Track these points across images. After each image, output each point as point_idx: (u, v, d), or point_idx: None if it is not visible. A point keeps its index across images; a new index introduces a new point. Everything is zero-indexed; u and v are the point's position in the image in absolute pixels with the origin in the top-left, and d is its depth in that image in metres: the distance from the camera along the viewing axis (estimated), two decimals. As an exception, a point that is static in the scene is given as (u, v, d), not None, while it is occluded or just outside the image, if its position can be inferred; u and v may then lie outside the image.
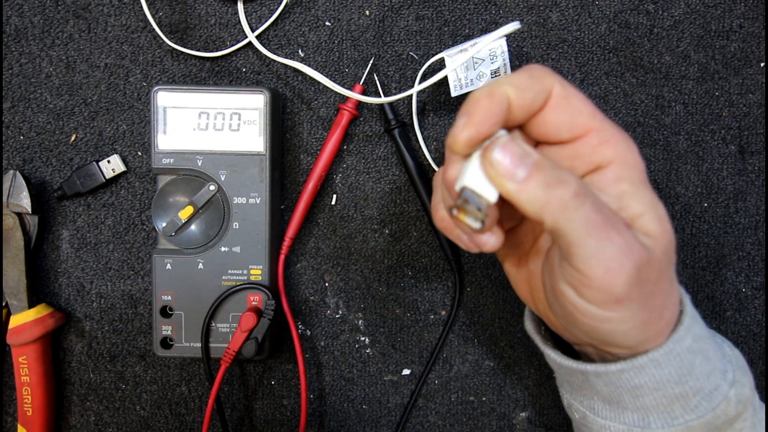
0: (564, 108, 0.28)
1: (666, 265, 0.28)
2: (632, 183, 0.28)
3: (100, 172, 0.42)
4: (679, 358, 0.29)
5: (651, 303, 0.27)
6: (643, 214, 0.28)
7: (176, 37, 0.43)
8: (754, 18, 0.42)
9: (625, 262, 0.25)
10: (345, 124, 0.42)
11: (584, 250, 0.25)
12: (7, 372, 0.44)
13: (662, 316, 0.29)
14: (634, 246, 0.26)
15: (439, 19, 0.43)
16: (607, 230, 0.25)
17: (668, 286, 0.29)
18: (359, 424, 0.44)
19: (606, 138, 0.28)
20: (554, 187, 0.25)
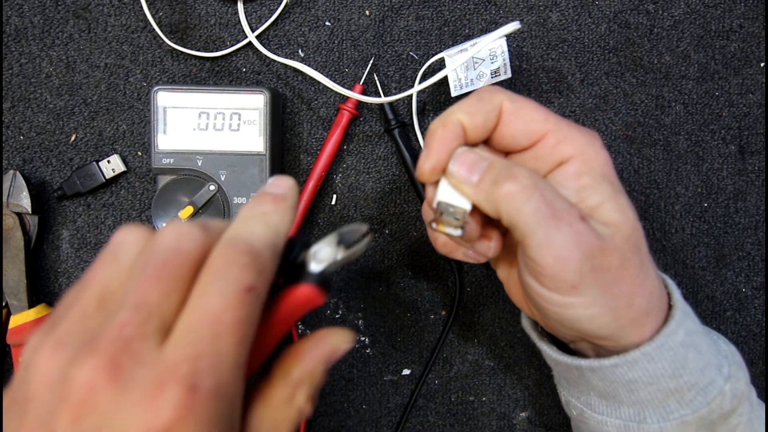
0: (516, 120, 0.30)
1: (630, 252, 0.29)
2: (592, 176, 0.29)
3: (100, 172, 0.42)
4: (672, 352, 0.30)
5: (614, 289, 0.28)
6: (603, 204, 0.29)
7: (176, 37, 0.43)
8: (754, 18, 0.42)
9: (574, 250, 0.27)
10: (345, 124, 0.42)
11: (535, 240, 0.27)
12: (7, 372, 0.44)
13: (632, 303, 0.29)
14: (584, 235, 0.27)
15: (439, 19, 0.43)
16: (556, 221, 0.27)
17: (637, 273, 0.29)
18: (359, 424, 0.44)
19: (562, 137, 0.30)
20: (503, 182, 0.28)
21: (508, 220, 0.28)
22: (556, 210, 0.27)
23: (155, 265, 0.22)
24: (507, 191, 0.27)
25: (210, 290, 0.21)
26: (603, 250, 0.28)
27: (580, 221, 0.27)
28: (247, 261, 0.22)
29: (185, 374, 0.19)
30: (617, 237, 0.28)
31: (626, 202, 0.30)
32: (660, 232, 0.43)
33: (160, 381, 0.19)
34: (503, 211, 0.28)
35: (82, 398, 0.19)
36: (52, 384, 0.20)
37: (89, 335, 0.20)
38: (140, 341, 0.20)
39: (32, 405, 0.20)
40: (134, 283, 0.21)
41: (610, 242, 0.28)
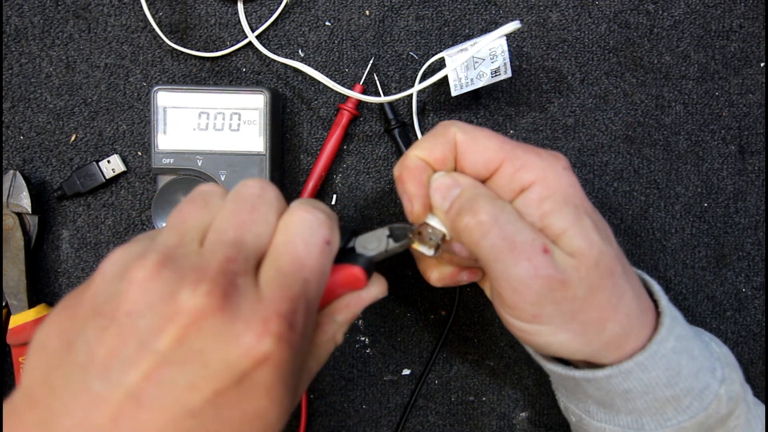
0: (471, 150, 0.30)
1: (600, 278, 0.28)
2: (554, 201, 0.29)
3: (100, 172, 0.42)
4: (664, 360, 0.29)
5: (581, 317, 0.28)
6: (566, 231, 0.28)
7: (176, 37, 0.43)
8: (754, 18, 0.42)
9: (531, 284, 0.27)
10: (345, 124, 0.42)
11: (493, 273, 0.28)
12: (7, 372, 0.44)
13: (603, 328, 0.29)
14: (542, 269, 0.27)
15: (439, 19, 0.43)
16: (513, 255, 0.27)
17: (608, 298, 0.29)
18: (359, 424, 0.44)
19: (520, 164, 0.29)
20: (464, 215, 0.28)
21: (470, 250, 0.29)
22: (516, 244, 0.27)
23: (246, 208, 0.24)
24: (465, 224, 0.28)
25: (296, 238, 0.24)
26: (563, 283, 0.27)
27: (540, 255, 0.27)
28: (326, 218, 0.25)
29: (285, 312, 0.21)
30: (582, 267, 0.28)
31: (591, 225, 0.29)
32: (660, 232, 0.43)
33: (265, 315, 0.21)
34: (464, 242, 0.29)
35: (190, 321, 0.20)
36: (155, 302, 0.21)
37: (193, 261, 0.22)
38: (242, 276, 0.22)
39: (126, 320, 0.20)
40: (231, 222, 0.24)
41: (574, 274, 0.28)
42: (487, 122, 0.43)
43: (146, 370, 0.20)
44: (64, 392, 0.20)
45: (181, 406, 0.20)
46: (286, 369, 0.21)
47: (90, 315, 0.21)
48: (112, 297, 0.21)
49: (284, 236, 0.24)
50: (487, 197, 0.29)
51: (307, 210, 0.25)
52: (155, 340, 0.20)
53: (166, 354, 0.20)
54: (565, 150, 0.43)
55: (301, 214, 0.25)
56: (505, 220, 0.28)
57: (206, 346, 0.20)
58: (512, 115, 0.43)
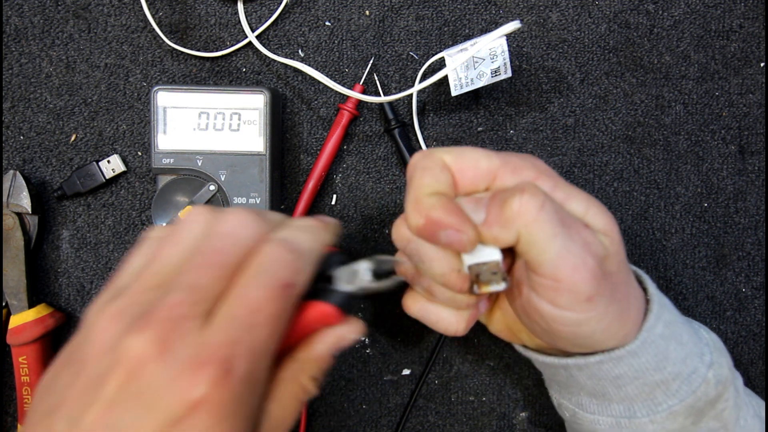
0: (465, 167, 0.29)
1: (621, 255, 0.29)
2: (562, 189, 0.29)
3: (100, 172, 0.42)
4: (653, 345, 0.30)
5: (617, 295, 0.29)
6: (587, 212, 0.29)
7: (176, 37, 0.43)
8: (754, 18, 0.42)
9: (587, 258, 0.27)
10: (345, 123, 0.42)
11: (551, 254, 0.27)
12: (7, 372, 0.44)
13: (630, 305, 0.30)
14: (592, 242, 0.28)
15: (439, 19, 0.43)
16: (568, 229, 0.27)
17: (627, 276, 0.30)
18: (359, 424, 0.44)
19: (512, 167, 0.29)
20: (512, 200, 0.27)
21: (526, 237, 0.27)
22: (566, 218, 0.27)
23: (212, 249, 0.24)
24: (519, 204, 0.27)
25: (252, 282, 0.23)
26: (606, 257, 0.28)
27: (585, 228, 0.28)
28: (290, 260, 0.24)
29: (222, 357, 0.21)
30: (613, 242, 0.29)
31: (600, 203, 0.30)
32: (660, 232, 0.43)
33: (200, 360, 0.21)
34: (520, 230, 0.27)
35: (132, 367, 0.21)
36: (107, 350, 0.22)
37: (145, 309, 0.22)
38: (188, 321, 0.22)
39: (87, 366, 0.22)
40: (191, 264, 0.24)
41: (610, 248, 0.29)
42: (488, 122, 0.43)
43: (98, 412, 0.21)
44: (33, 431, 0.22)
45: None
46: (226, 413, 0.21)
47: (67, 362, 0.23)
48: (81, 345, 0.23)
49: (242, 278, 0.24)
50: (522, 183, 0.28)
51: (273, 250, 0.24)
52: (105, 384, 0.21)
53: (113, 397, 0.21)
54: (565, 150, 0.43)
55: (264, 255, 0.24)
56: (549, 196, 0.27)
57: (147, 390, 0.21)
58: (512, 115, 0.43)
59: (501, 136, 0.43)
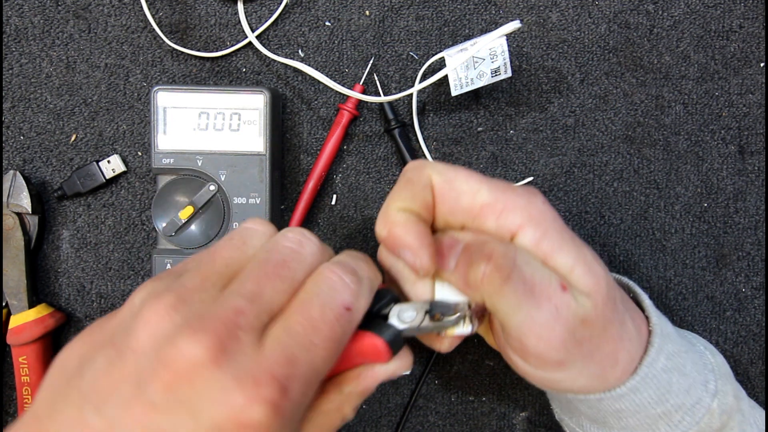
0: (448, 196, 0.28)
1: (610, 311, 0.27)
2: (550, 240, 0.27)
3: (100, 172, 0.42)
4: (655, 380, 0.29)
5: (599, 354, 0.28)
6: (573, 269, 0.27)
7: (176, 37, 0.43)
8: (754, 18, 0.42)
9: (556, 327, 0.26)
10: (345, 123, 0.42)
11: (515, 322, 0.26)
12: (7, 372, 0.44)
13: (617, 360, 0.28)
14: (565, 308, 0.26)
15: (439, 19, 0.43)
16: (535, 298, 0.26)
17: (617, 330, 0.28)
18: (359, 424, 0.44)
19: (501, 207, 0.27)
20: (478, 264, 0.26)
21: (489, 304, 0.27)
22: (536, 285, 0.26)
23: (276, 261, 0.23)
24: (483, 274, 0.26)
25: (314, 300, 0.23)
26: (584, 321, 0.26)
27: (561, 293, 0.26)
28: (352, 283, 0.24)
29: (281, 376, 0.20)
30: (598, 303, 0.27)
31: (591, 255, 0.28)
32: (660, 232, 0.43)
33: (258, 376, 0.20)
34: (484, 295, 0.27)
35: (183, 370, 0.20)
36: (154, 346, 0.20)
37: (204, 308, 0.21)
38: (248, 332, 0.21)
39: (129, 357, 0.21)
40: (254, 273, 0.23)
41: (591, 312, 0.27)
42: (488, 122, 0.43)
43: (138, 413, 0.20)
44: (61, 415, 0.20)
45: None
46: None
47: (105, 344, 0.22)
48: (126, 330, 0.21)
49: (303, 295, 0.23)
50: (493, 240, 0.27)
51: (334, 271, 0.24)
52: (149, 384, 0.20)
53: (158, 400, 0.20)
54: (565, 150, 0.43)
55: (326, 274, 0.24)
56: (520, 260, 0.26)
57: (195, 398, 0.20)
58: (512, 115, 0.43)
59: (501, 136, 0.43)
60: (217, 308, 0.21)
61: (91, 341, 0.22)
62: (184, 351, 0.20)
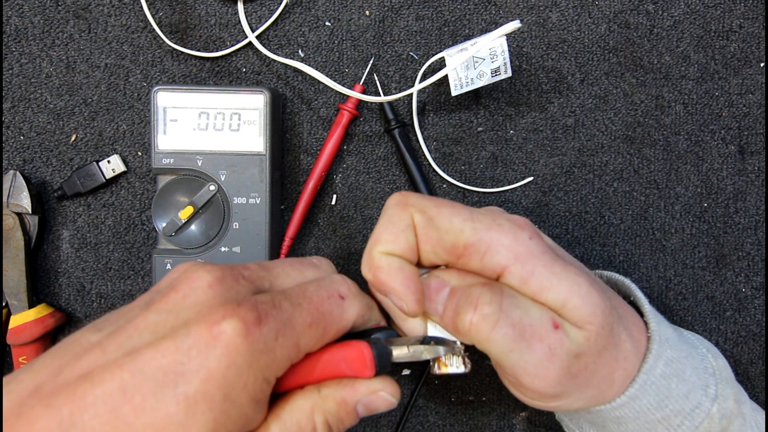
0: (430, 236, 0.28)
1: (605, 338, 0.28)
2: (539, 277, 0.27)
3: (100, 172, 0.42)
4: (654, 387, 0.29)
5: (595, 379, 0.28)
6: (565, 303, 0.27)
7: (176, 37, 0.43)
8: (754, 18, 0.42)
9: (550, 366, 0.26)
10: (345, 123, 0.42)
11: (508, 363, 0.27)
12: (7, 372, 0.44)
13: (613, 381, 0.29)
14: (558, 347, 0.26)
15: (439, 19, 0.43)
16: (526, 341, 0.26)
17: (612, 353, 0.28)
18: (359, 423, 0.44)
19: (485, 247, 0.27)
20: (465, 312, 0.26)
21: (480, 348, 0.27)
22: (526, 328, 0.26)
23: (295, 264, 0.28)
24: (470, 322, 0.26)
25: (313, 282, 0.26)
26: (578, 355, 0.27)
27: (552, 332, 0.26)
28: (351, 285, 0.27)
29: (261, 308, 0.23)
30: (592, 335, 0.27)
31: (588, 283, 0.27)
32: (660, 232, 0.43)
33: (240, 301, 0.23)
34: (473, 341, 0.27)
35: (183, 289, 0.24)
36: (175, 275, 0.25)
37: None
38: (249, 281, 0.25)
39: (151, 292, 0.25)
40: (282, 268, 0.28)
41: (584, 344, 0.27)
42: (488, 122, 0.43)
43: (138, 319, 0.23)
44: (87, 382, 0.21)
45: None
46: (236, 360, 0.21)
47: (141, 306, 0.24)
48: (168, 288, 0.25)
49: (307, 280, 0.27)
50: (480, 285, 0.27)
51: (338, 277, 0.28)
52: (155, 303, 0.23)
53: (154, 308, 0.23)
54: (565, 150, 0.43)
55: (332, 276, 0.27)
56: (508, 304, 0.26)
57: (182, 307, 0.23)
58: (512, 115, 0.43)
59: (501, 136, 0.43)
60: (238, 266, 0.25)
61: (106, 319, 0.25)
62: (190, 276, 0.24)
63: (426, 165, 0.43)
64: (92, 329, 0.23)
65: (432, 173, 0.43)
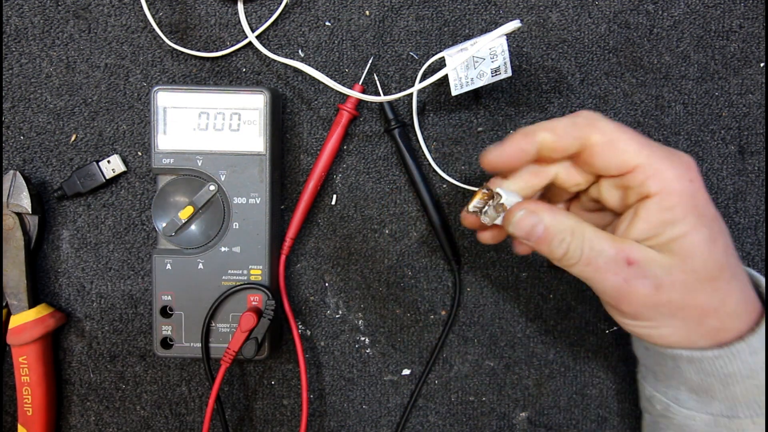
0: (607, 152, 0.31)
1: (700, 282, 0.30)
2: (673, 212, 0.30)
3: (100, 172, 0.42)
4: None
5: (680, 314, 0.30)
6: (677, 239, 0.30)
7: (176, 37, 0.43)
8: (754, 18, 0.42)
9: (623, 293, 0.30)
10: (345, 123, 0.42)
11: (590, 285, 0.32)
12: (7, 372, 0.44)
13: (702, 323, 0.30)
14: (632, 280, 0.30)
15: (439, 19, 0.43)
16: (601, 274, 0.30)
17: (707, 299, 0.30)
18: (359, 424, 0.44)
19: (651, 172, 0.30)
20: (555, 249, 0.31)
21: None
22: (600, 265, 0.30)
23: None
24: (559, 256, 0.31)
25: None
26: (657, 287, 0.29)
27: (625, 268, 0.30)
28: None
29: None
30: (678, 270, 0.29)
31: (704, 236, 0.30)
32: (660, 232, 0.43)
33: None
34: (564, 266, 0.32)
35: None
36: None
37: None
38: None
39: None
40: None
41: (666, 278, 0.29)
42: (488, 122, 0.43)
43: None
44: None
45: None
46: None
47: None
48: None
49: None
50: (567, 230, 0.31)
51: None
52: None
53: None
54: (565, 150, 0.43)
55: None
56: (587, 247, 0.30)
57: None
58: (512, 115, 0.43)
59: (501, 136, 0.43)
60: None
61: None
62: None
63: (426, 165, 0.43)
64: None
65: (432, 173, 0.43)
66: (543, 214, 0.31)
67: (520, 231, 0.32)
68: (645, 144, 0.30)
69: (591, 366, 0.44)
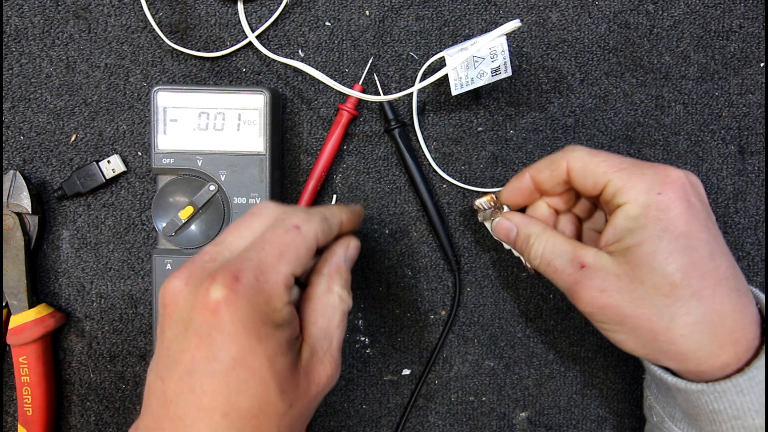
0: (581, 176, 0.34)
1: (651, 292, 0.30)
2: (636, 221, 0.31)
3: (100, 172, 0.42)
4: (761, 386, 0.29)
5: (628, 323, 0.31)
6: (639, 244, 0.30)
7: (176, 37, 0.43)
8: (754, 18, 0.42)
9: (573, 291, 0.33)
10: (345, 123, 0.42)
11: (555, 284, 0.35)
12: (7, 372, 0.44)
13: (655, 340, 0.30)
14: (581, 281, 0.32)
15: (439, 19, 0.43)
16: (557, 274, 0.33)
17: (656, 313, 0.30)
18: (359, 424, 0.44)
19: (620, 185, 0.32)
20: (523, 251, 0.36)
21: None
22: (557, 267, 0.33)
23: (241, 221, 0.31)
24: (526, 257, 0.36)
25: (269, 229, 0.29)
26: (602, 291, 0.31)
27: (577, 271, 0.32)
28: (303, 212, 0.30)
29: (234, 269, 0.26)
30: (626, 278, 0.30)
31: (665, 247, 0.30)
32: (660, 232, 0.43)
33: (214, 273, 0.26)
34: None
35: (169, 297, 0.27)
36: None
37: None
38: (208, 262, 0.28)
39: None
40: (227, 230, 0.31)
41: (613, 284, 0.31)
42: (488, 122, 0.43)
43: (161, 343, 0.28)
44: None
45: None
46: (240, 312, 0.25)
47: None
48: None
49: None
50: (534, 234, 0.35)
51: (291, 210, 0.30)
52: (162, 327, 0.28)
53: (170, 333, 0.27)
54: (565, 150, 0.43)
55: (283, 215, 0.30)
56: (549, 249, 0.34)
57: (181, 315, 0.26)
58: (512, 115, 0.43)
59: (501, 136, 0.43)
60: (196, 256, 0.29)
61: None
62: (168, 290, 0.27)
63: (426, 165, 0.43)
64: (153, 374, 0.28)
65: (432, 173, 0.43)
66: (516, 220, 0.36)
67: (499, 233, 0.37)
68: (616, 163, 0.32)
69: (591, 366, 0.44)
